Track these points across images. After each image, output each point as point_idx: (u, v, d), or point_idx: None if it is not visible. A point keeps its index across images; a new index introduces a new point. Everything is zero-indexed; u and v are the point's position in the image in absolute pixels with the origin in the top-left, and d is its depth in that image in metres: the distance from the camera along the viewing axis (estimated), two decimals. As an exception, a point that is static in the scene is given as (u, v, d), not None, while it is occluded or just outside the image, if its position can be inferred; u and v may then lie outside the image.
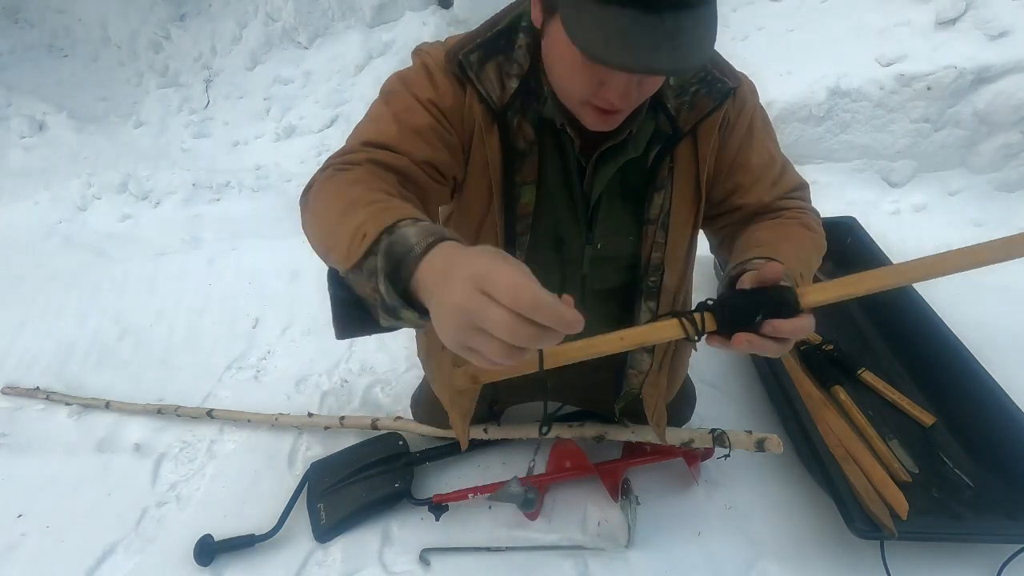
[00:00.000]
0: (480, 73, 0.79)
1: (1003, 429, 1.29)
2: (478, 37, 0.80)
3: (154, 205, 2.78)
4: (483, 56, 0.79)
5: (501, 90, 0.80)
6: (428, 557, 1.26)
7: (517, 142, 0.83)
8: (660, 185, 0.88)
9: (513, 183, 0.85)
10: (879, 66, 2.23)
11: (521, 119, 0.81)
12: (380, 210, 0.60)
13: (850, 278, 0.68)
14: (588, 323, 0.98)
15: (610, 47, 0.60)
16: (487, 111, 0.81)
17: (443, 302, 0.47)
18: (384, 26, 3.37)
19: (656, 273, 0.94)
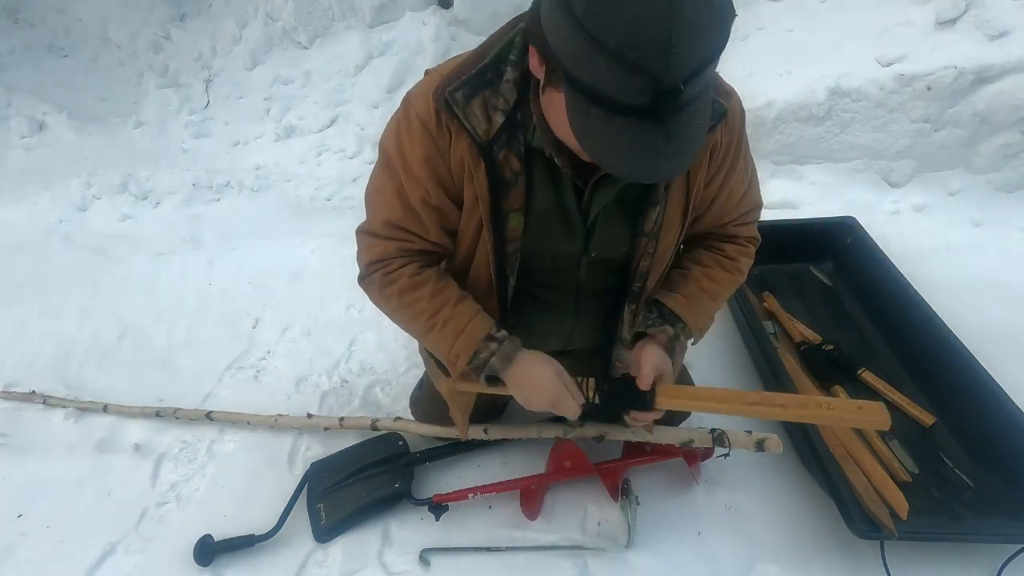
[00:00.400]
0: (466, 109, 0.81)
1: (1003, 429, 1.29)
2: (464, 73, 0.81)
3: (154, 205, 2.78)
4: (469, 92, 0.80)
5: (487, 124, 0.81)
6: (428, 557, 1.26)
7: (503, 173, 0.85)
8: (655, 201, 0.91)
9: (501, 210, 0.88)
10: (879, 66, 2.23)
11: (507, 152, 0.83)
12: (455, 333, 0.95)
13: (701, 394, 0.99)
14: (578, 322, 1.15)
15: (615, 157, 0.64)
16: (473, 145, 0.83)
17: (536, 402, 1.00)
18: (384, 26, 3.37)
19: (642, 279, 1.00)
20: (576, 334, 1.14)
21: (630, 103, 0.58)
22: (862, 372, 1.55)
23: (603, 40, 0.56)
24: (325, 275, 2.17)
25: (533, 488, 1.31)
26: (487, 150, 0.82)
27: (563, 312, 1.09)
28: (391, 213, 0.93)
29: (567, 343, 1.16)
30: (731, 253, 1.05)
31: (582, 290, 1.04)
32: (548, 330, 1.13)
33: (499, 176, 0.85)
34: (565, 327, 1.12)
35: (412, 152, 0.86)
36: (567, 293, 1.05)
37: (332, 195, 2.75)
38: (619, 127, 0.61)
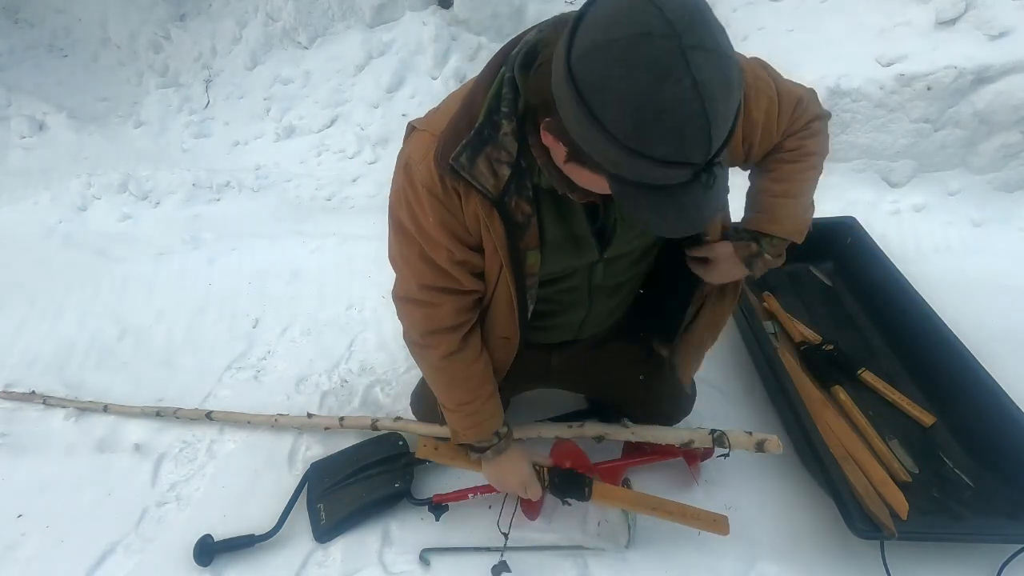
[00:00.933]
0: (473, 171, 0.82)
1: (1003, 429, 1.29)
2: (462, 135, 0.81)
3: (154, 205, 2.78)
4: (472, 154, 0.81)
5: (495, 179, 0.83)
6: (428, 557, 1.26)
7: (516, 217, 0.88)
8: None
9: (518, 249, 0.91)
10: (879, 66, 2.23)
11: (517, 199, 0.86)
12: (475, 424, 1.14)
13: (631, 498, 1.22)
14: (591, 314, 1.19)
15: (666, 224, 0.68)
16: (485, 200, 0.85)
17: (503, 486, 1.23)
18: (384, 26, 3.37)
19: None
20: (587, 326, 1.17)
21: (675, 183, 0.62)
22: (862, 372, 1.55)
23: (649, 153, 0.58)
24: (325, 275, 2.17)
25: (533, 488, 1.31)
26: (499, 202, 0.85)
27: (575, 308, 1.12)
28: (423, 277, 0.97)
29: (577, 334, 1.19)
30: (791, 145, 1.02)
31: (596, 287, 1.07)
32: (558, 324, 1.15)
33: (513, 221, 0.88)
34: (575, 320, 1.15)
35: (426, 219, 0.89)
36: (580, 293, 1.08)
37: (332, 195, 2.75)
38: (667, 201, 0.64)
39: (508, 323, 1.04)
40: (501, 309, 1.02)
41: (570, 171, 0.74)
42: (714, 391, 1.58)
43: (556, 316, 1.13)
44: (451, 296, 0.99)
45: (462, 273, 0.95)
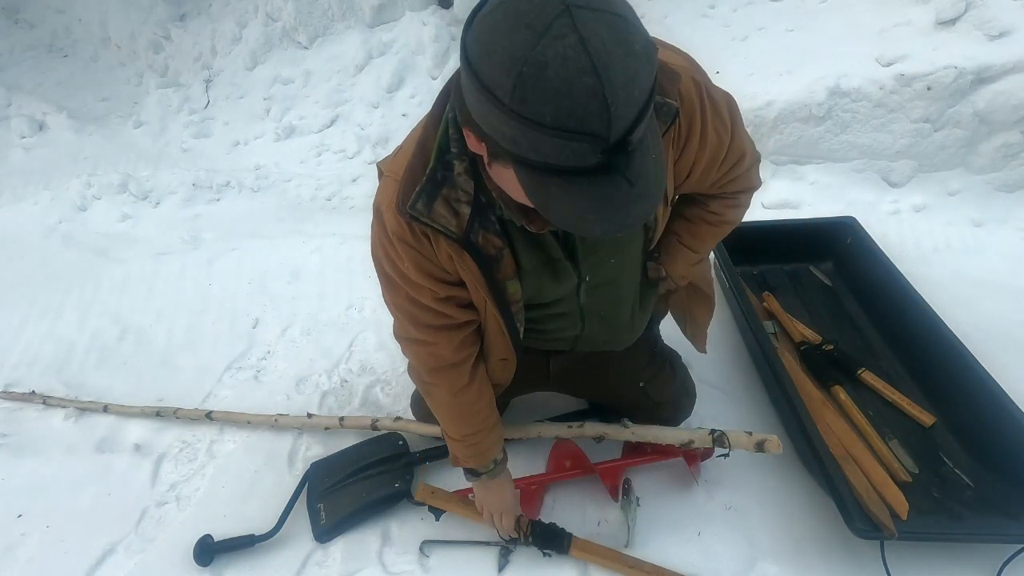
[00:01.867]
0: (432, 214, 0.82)
1: (1003, 429, 1.28)
2: (415, 183, 0.81)
3: (154, 205, 2.78)
4: (428, 199, 0.81)
5: (456, 219, 0.83)
6: (428, 550, 1.27)
7: (488, 251, 0.88)
8: None
9: (496, 280, 0.92)
10: (879, 66, 2.23)
11: (484, 233, 0.86)
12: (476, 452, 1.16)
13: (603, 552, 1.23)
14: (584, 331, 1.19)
15: (583, 221, 0.62)
16: (452, 241, 0.85)
17: (491, 506, 1.23)
18: (384, 26, 3.37)
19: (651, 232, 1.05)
20: (582, 341, 1.17)
21: (583, 165, 0.57)
22: (862, 372, 1.55)
23: (538, 119, 0.53)
24: (325, 275, 2.17)
25: (533, 488, 1.31)
26: (465, 240, 0.85)
27: (568, 328, 1.12)
28: (417, 318, 0.98)
29: (572, 346, 1.19)
30: (715, 208, 1.07)
31: (587, 311, 1.08)
32: (555, 338, 1.16)
33: (485, 256, 0.88)
34: (570, 336, 1.15)
35: (403, 264, 0.90)
36: (572, 316, 1.09)
37: (332, 195, 2.75)
38: (580, 190, 0.59)
39: (503, 347, 1.06)
40: (494, 335, 1.04)
41: (496, 177, 0.70)
42: (714, 391, 1.58)
43: (551, 333, 1.14)
44: (447, 332, 1.00)
45: (451, 308, 0.96)
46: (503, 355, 1.08)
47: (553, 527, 1.24)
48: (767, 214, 2.19)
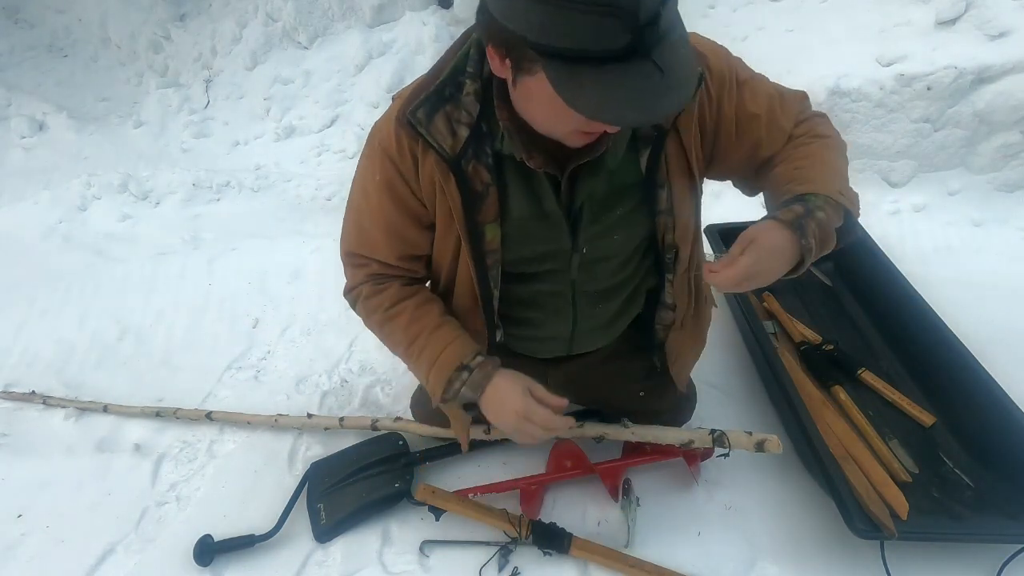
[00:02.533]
0: (430, 127, 0.81)
1: (1003, 429, 1.28)
2: (423, 91, 0.81)
3: (154, 205, 2.78)
4: (430, 109, 0.80)
5: (452, 139, 0.81)
6: (428, 550, 1.27)
7: (475, 185, 0.85)
8: (661, 183, 0.90)
9: (476, 223, 0.88)
10: (879, 66, 2.23)
11: (475, 163, 0.84)
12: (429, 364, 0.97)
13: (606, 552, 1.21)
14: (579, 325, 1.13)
15: (616, 108, 0.61)
16: (441, 161, 0.83)
17: (503, 421, 0.97)
18: (384, 26, 3.37)
19: (672, 251, 0.99)
20: (579, 338, 1.13)
21: (613, 48, 0.57)
22: (862, 372, 1.55)
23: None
24: (325, 275, 2.17)
25: (533, 488, 1.31)
26: (455, 164, 0.82)
27: (560, 316, 1.07)
28: (348, 243, 0.98)
29: (569, 348, 1.15)
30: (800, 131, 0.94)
31: (579, 292, 1.03)
32: (547, 335, 1.12)
33: (470, 189, 0.85)
34: (564, 331, 1.11)
35: (371, 180, 0.88)
36: (563, 297, 1.03)
37: (332, 195, 2.75)
38: (611, 77, 0.59)
39: (473, 313, 0.99)
40: (464, 297, 0.98)
41: (523, 96, 0.71)
42: (714, 391, 1.58)
43: (542, 325, 1.09)
44: (369, 265, 0.99)
45: (391, 246, 0.94)
46: (474, 325, 1.01)
47: (553, 527, 1.24)
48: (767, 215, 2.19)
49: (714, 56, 0.87)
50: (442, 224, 0.90)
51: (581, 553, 1.22)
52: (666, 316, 1.11)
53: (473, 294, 0.96)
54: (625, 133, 0.86)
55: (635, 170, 0.90)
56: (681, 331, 1.16)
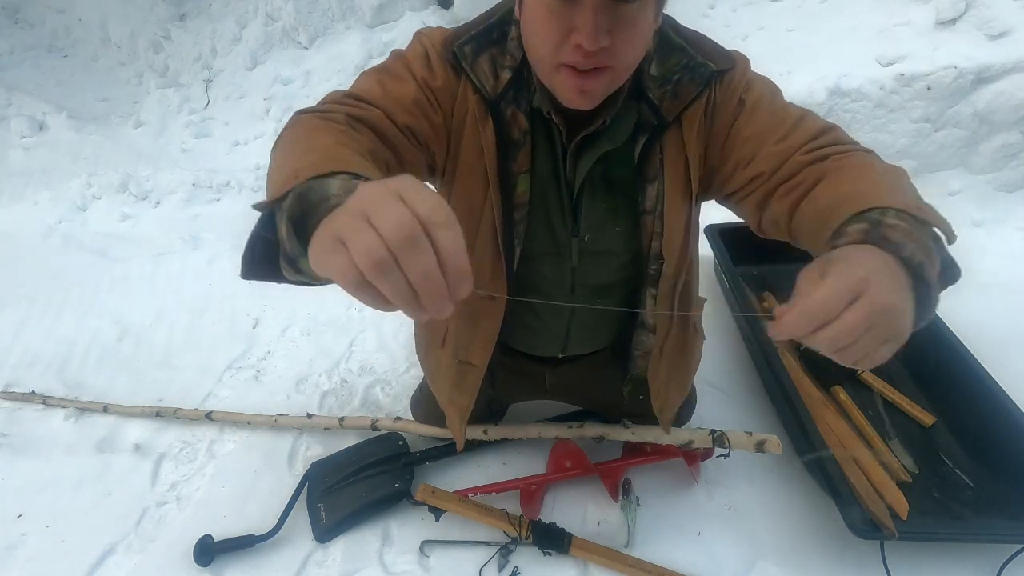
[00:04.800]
0: (474, 64, 0.81)
1: (1003, 429, 1.29)
2: (472, 29, 0.82)
3: (154, 205, 2.78)
4: (476, 48, 0.81)
5: (495, 80, 0.81)
6: (428, 550, 1.27)
7: (512, 132, 0.84)
8: (652, 177, 0.88)
9: (509, 172, 0.86)
10: (879, 66, 2.23)
11: (515, 109, 0.83)
12: (329, 159, 0.58)
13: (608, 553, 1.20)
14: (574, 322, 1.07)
15: None
16: (481, 101, 0.82)
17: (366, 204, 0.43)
18: (384, 26, 3.37)
19: (656, 261, 0.94)
20: (573, 338, 1.10)
21: None
22: (862, 372, 1.55)
23: None
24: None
25: (533, 488, 1.31)
26: (495, 106, 0.82)
27: (558, 308, 1.03)
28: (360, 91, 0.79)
29: (563, 348, 1.13)
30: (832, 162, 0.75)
31: (578, 284, 0.99)
32: (543, 327, 1.09)
33: (507, 135, 0.84)
34: (560, 327, 1.08)
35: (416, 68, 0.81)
36: (563, 284, 0.99)
37: (332, 195, 2.75)
38: None
39: (494, 274, 0.92)
40: (485, 255, 0.91)
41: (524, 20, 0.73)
42: (714, 391, 1.58)
43: (540, 314, 1.05)
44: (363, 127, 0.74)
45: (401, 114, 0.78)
46: (492, 288, 0.93)
47: (553, 527, 1.24)
48: (767, 214, 2.19)
49: (740, 71, 0.84)
50: (467, 170, 0.86)
51: (581, 553, 1.22)
52: (646, 340, 1.05)
53: (496, 255, 0.90)
54: (627, 118, 0.84)
55: (630, 161, 0.87)
56: (661, 361, 1.10)
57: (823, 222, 0.67)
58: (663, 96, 0.83)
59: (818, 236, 0.68)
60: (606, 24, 0.67)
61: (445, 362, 1.14)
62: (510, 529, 1.24)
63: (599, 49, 0.68)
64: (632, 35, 0.71)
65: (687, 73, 0.82)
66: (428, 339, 1.22)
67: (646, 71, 0.82)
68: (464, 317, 1.04)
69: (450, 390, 1.17)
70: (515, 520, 1.24)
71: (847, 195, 0.66)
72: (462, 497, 1.29)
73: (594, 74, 0.71)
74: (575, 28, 0.68)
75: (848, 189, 0.67)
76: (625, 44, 0.70)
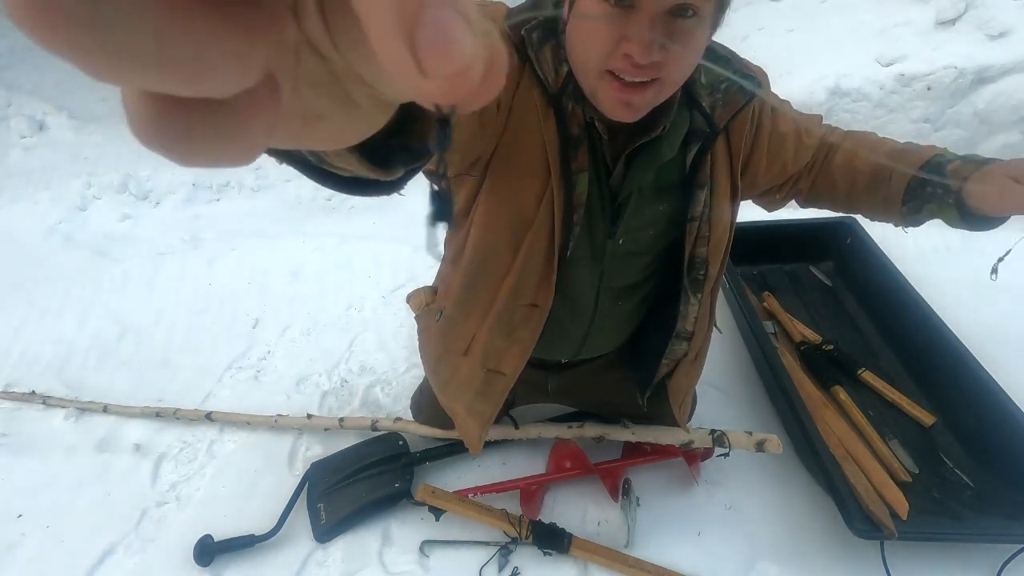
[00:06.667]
0: (539, 53, 0.77)
1: (1003, 429, 1.29)
2: (535, 14, 0.78)
3: (154, 205, 2.78)
4: (543, 36, 0.77)
5: (555, 74, 0.78)
6: (428, 550, 1.27)
7: (571, 127, 0.81)
8: (702, 183, 0.88)
9: (570, 170, 0.82)
10: (879, 66, 2.24)
11: (574, 104, 0.80)
12: None
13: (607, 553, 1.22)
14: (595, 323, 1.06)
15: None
16: (543, 94, 0.79)
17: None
18: (384, 26, 3.37)
19: (703, 267, 0.93)
20: (589, 342, 1.08)
21: None
22: (862, 372, 1.55)
23: None
24: (325, 275, 2.17)
25: (533, 488, 1.31)
26: (556, 99, 0.79)
27: (581, 311, 1.02)
28: None
29: (579, 350, 1.11)
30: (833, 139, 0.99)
31: (604, 286, 0.98)
32: (561, 334, 1.06)
33: (567, 131, 0.81)
34: (579, 331, 1.06)
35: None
36: (589, 289, 0.98)
37: (332, 195, 2.75)
38: None
39: (543, 279, 0.89)
40: (536, 259, 0.87)
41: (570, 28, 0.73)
42: (714, 391, 1.58)
43: (559, 320, 1.02)
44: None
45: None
46: (535, 298, 0.90)
47: (553, 527, 1.24)
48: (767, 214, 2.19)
49: (764, 80, 0.91)
50: (524, 169, 0.82)
51: (581, 553, 1.22)
52: (678, 349, 1.04)
53: (548, 259, 0.87)
54: (680, 126, 0.83)
55: (680, 168, 0.87)
56: (694, 365, 1.11)
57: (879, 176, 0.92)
58: (714, 103, 0.83)
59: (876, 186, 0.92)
60: (660, 37, 0.65)
61: (467, 371, 1.07)
62: (510, 529, 1.24)
63: (650, 62, 0.66)
64: (686, 51, 0.69)
65: (734, 82, 0.83)
66: (443, 347, 1.13)
67: (697, 80, 0.83)
68: (500, 325, 0.97)
69: (472, 399, 1.11)
70: (515, 520, 1.24)
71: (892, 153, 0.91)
72: (462, 497, 1.29)
73: (641, 87, 0.69)
74: (627, 37, 0.66)
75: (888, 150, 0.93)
76: (677, 59, 0.68)
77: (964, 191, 0.80)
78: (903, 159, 0.88)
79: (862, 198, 0.95)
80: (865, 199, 0.95)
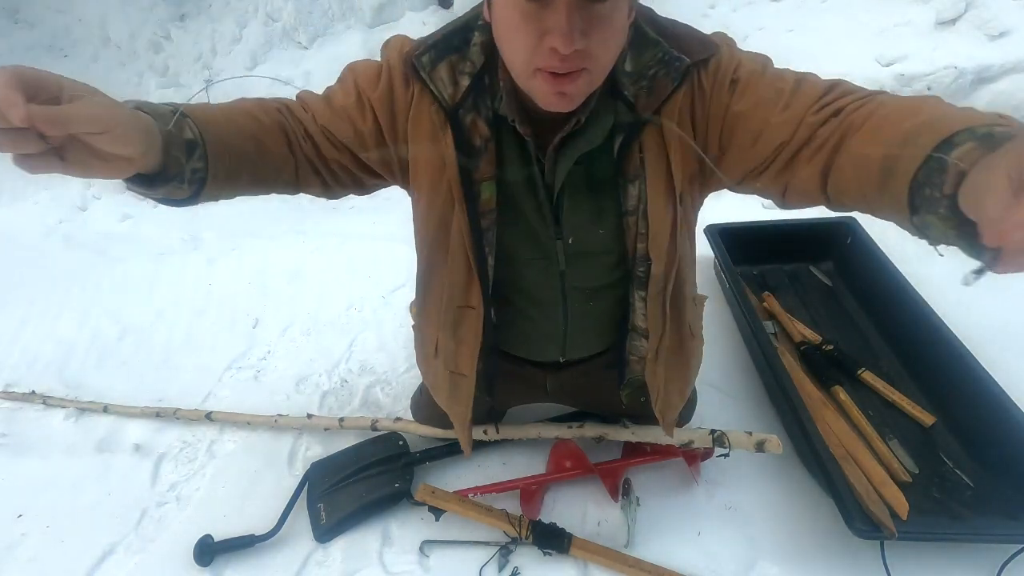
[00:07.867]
0: (432, 74, 0.81)
1: (1003, 429, 1.29)
2: (431, 38, 0.82)
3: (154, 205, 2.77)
4: (435, 56, 0.81)
5: (453, 88, 0.81)
6: (428, 550, 1.27)
7: (472, 139, 0.83)
8: (633, 176, 0.85)
9: (472, 181, 0.85)
10: (879, 66, 2.24)
11: (475, 116, 0.82)
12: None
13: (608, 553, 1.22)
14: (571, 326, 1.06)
15: None
16: (440, 110, 0.82)
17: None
18: (384, 26, 3.37)
19: (644, 263, 0.92)
20: (572, 342, 1.08)
21: None
22: (862, 372, 1.55)
23: None
24: (325, 275, 2.17)
25: (533, 488, 1.31)
26: (453, 115, 0.82)
27: (552, 311, 1.02)
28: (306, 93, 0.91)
29: (563, 352, 1.11)
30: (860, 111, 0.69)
31: (569, 287, 0.98)
32: (540, 333, 1.08)
33: (468, 143, 0.83)
34: (556, 331, 1.06)
35: (365, 83, 0.86)
36: (553, 288, 0.99)
37: (332, 195, 2.75)
38: None
39: (468, 283, 0.93)
40: (458, 271, 0.92)
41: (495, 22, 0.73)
42: (714, 391, 1.58)
43: (535, 320, 1.04)
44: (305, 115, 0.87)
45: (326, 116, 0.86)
46: (470, 301, 0.93)
47: (553, 527, 1.24)
48: (767, 214, 2.18)
49: (726, 54, 0.81)
50: (431, 182, 0.86)
51: (581, 553, 1.22)
52: (639, 345, 1.04)
53: (467, 264, 0.91)
54: (604, 117, 0.82)
55: (609, 161, 0.86)
56: (658, 364, 1.06)
57: (887, 169, 0.61)
58: (638, 93, 0.80)
59: (884, 184, 0.62)
60: (580, 25, 0.65)
61: (440, 373, 1.12)
62: (510, 529, 1.24)
63: (574, 52, 0.66)
64: (608, 34, 0.69)
65: (662, 68, 0.79)
66: (423, 350, 1.20)
67: (620, 68, 0.79)
68: (446, 328, 1.02)
69: (446, 400, 1.17)
70: (515, 520, 1.24)
71: (908, 133, 0.60)
72: (462, 497, 1.29)
73: (572, 76, 0.69)
74: (548, 31, 0.65)
75: (908, 127, 0.61)
76: (601, 44, 0.68)
77: (960, 193, 0.51)
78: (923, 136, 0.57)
79: (876, 201, 0.66)
80: (877, 202, 0.66)
